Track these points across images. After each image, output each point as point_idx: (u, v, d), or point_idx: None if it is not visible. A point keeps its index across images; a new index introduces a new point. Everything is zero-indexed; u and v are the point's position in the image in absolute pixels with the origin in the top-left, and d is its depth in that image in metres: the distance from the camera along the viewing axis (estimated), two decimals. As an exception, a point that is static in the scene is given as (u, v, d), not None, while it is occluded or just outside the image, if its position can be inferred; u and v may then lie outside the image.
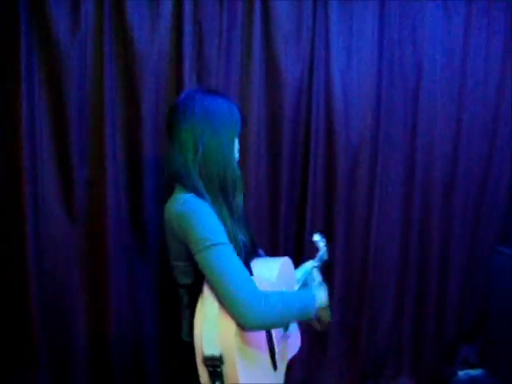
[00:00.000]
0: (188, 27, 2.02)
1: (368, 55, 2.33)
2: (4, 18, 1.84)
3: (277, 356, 1.37)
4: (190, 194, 1.29)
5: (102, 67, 1.95)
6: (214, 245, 1.20)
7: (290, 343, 1.57)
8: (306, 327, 1.77)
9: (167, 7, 2.02)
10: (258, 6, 2.12)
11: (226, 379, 1.22)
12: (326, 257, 1.74)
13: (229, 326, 1.20)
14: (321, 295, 1.40)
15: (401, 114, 2.45)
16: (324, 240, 1.75)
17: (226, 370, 1.21)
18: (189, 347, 1.28)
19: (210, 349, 1.21)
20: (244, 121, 1.49)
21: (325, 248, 1.74)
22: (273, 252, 2.28)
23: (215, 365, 1.21)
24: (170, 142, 1.37)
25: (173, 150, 1.36)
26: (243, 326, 1.18)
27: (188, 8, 2.01)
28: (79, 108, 1.97)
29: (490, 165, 2.65)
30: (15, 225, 1.90)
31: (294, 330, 1.61)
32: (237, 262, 1.20)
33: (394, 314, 2.58)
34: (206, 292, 1.25)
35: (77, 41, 1.93)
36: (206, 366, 1.22)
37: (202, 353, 1.22)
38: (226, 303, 1.18)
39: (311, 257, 1.69)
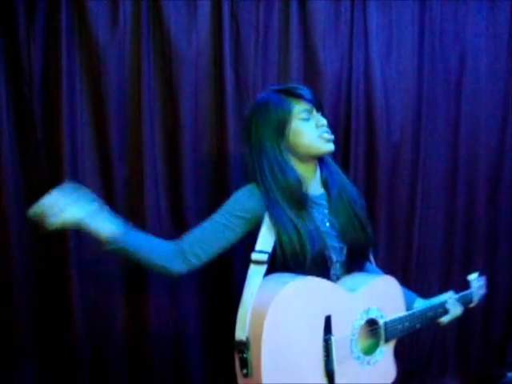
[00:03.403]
0: (226, 23, 2.01)
1: (408, 47, 2.25)
2: (46, 15, 1.88)
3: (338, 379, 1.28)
4: (251, 185, 1.43)
5: (140, 65, 1.96)
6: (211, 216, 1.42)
7: (378, 371, 1.46)
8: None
9: (205, 2, 2.01)
10: (295, -1, 2.09)
11: (250, 368, 1.19)
12: (474, 299, 1.72)
13: (261, 312, 1.19)
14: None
15: (443, 106, 2.36)
16: (479, 281, 1.75)
17: (251, 357, 1.19)
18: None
19: (239, 333, 1.22)
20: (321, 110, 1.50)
21: (475, 290, 1.72)
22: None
23: (241, 350, 1.21)
24: None
25: None
26: None
27: (225, 3, 2.00)
28: (118, 107, 1.98)
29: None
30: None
31: (384, 360, 1.48)
32: (206, 230, 1.39)
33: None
34: (248, 277, 1.30)
35: (115, 39, 1.95)
36: (237, 352, 1.22)
37: (234, 338, 1.24)
38: None
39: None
